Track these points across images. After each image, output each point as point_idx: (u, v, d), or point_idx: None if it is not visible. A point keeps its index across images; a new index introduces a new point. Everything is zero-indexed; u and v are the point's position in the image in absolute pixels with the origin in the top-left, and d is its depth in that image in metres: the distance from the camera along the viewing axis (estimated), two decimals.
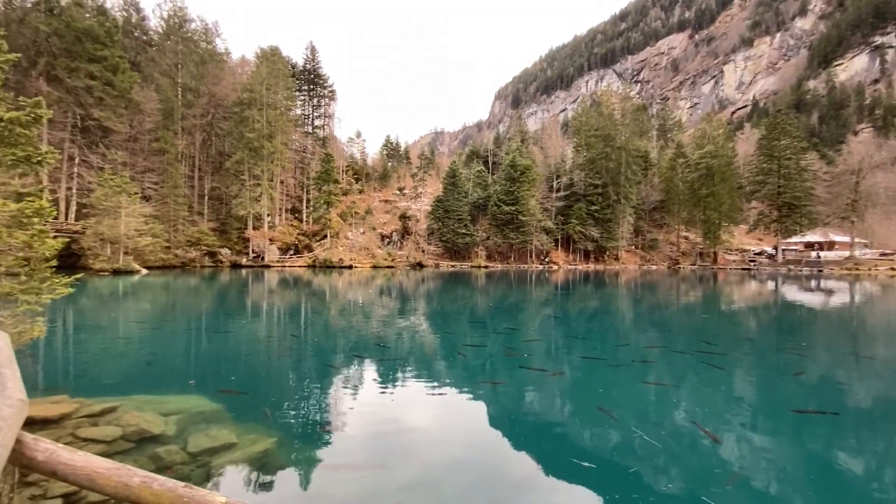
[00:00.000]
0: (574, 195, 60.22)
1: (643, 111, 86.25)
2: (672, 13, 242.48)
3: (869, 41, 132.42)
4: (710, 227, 60.49)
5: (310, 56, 67.16)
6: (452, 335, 12.54)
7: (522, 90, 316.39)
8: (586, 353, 10.04)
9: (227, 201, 48.77)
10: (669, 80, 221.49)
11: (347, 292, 26.15)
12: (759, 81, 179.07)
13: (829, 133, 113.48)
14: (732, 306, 21.64)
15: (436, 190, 62.43)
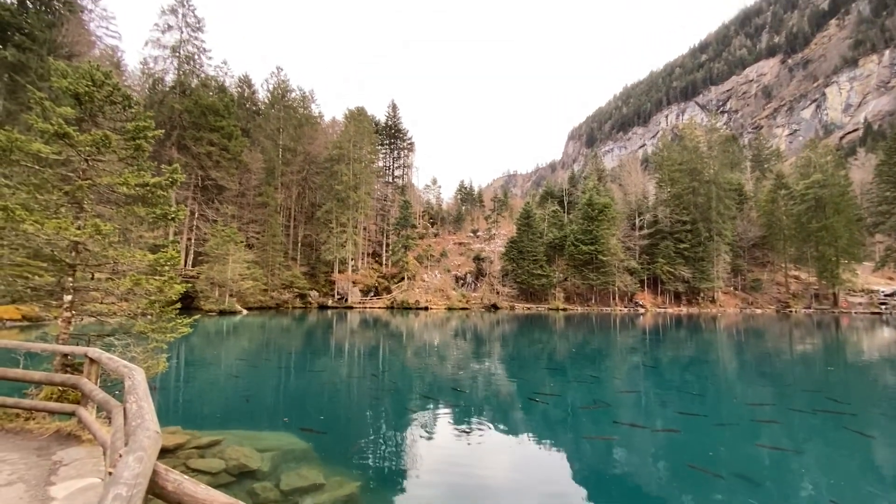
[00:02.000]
0: (659, 233, 56.60)
1: (733, 142, 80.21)
2: (759, 40, 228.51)
3: None
4: (825, 265, 52.96)
5: (391, 113, 72.93)
6: (529, 382, 12.05)
7: (597, 129, 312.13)
8: (684, 408, 9.05)
9: (316, 247, 53.04)
10: (762, 108, 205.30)
11: (423, 333, 26.49)
12: (870, 102, 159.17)
13: None
14: (863, 357, 18.39)
15: (509, 231, 62.33)
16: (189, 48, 45.98)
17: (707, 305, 54.70)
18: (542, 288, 53.15)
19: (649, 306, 54.05)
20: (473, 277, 56.81)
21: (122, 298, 6.84)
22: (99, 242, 6.39)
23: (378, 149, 67.59)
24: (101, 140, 6.46)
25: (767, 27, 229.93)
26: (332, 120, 69.50)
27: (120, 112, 7.48)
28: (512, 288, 54.44)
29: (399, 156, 74.07)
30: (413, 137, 74.78)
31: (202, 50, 46.99)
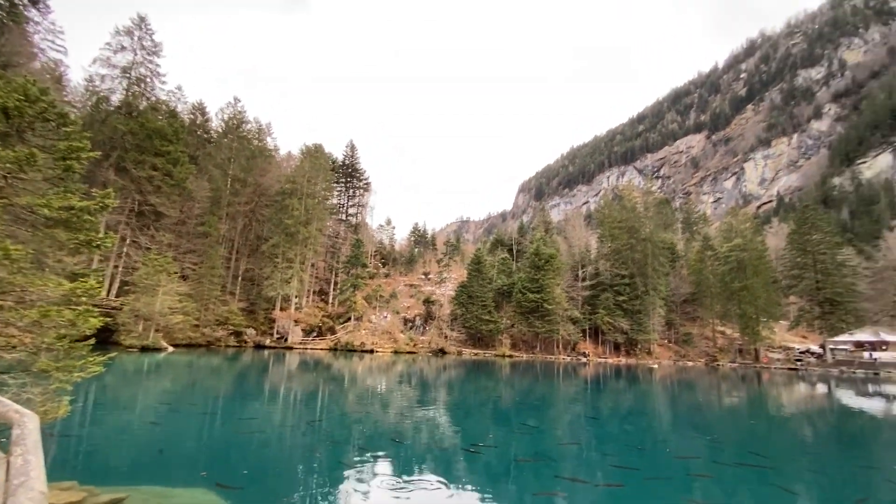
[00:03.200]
0: (601, 285, 59.42)
1: (666, 205, 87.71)
2: (688, 116, 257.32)
3: (889, 141, 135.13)
4: (747, 322, 57.55)
5: (349, 153, 73.44)
6: (473, 431, 11.79)
7: (545, 184, 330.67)
8: (623, 461, 9.16)
9: (258, 282, 50.50)
10: (691, 176, 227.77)
11: (367, 378, 25.46)
12: (782, 178, 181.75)
13: (863, 228, 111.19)
14: (782, 411, 19.75)
15: (460, 276, 62.93)
16: (142, 70, 44.56)
17: (644, 356, 57.12)
18: (490, 333, 53.42)
19: (591, 355, 55.63)
20: (423, 320, 56.17)
21: (25, 331, 6.07)
22: (6, 268, 5.72)
23: (334, 186, 67.27)
24: (25, 158, 5.95)
25: (695, 106, 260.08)
26: (287, 154, 68.79)
27: (53, 130, 6.99)
28: (460, 332, 54.27)
29: (354, 194, 74.03)
30: (370, 178, 75.35)
31: (156, 74, 45.68)
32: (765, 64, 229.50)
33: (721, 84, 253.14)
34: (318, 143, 59.06)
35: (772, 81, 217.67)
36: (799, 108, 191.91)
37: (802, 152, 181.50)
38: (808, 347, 63.05)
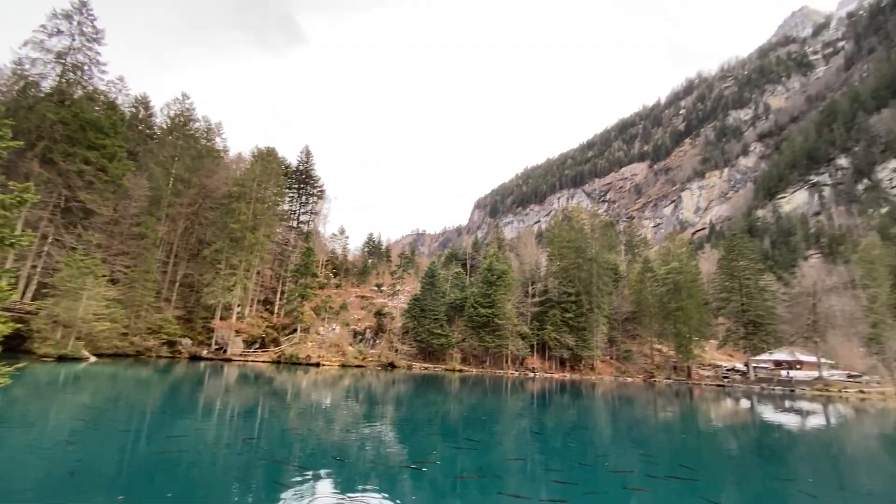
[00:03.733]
0: (549, 301, 61.27)
1: (611, 227, 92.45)
2: (633, 146, 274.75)
3: (805, 179, 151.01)
4: (681, 341, 61.34)
5: (303, 158, 71.63)
6: (419, 447, 11.62)
7: (500, 201, 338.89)
8: (566, 475, 9.37)
9: (198, 289, 47.47)
10: (633, 202, 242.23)
11: (311, 393, 24.51)
12: (714, 208, 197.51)
13: (782, 257, 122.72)
14: (711, 426, 21.07)
15: (413, 289, 62.60)
16: (79, 57, 41.36)
17: (587, 372, 59.15)
18: (441, 348, 53.31)
19: (538, 370, 56.87)
20: (373, 333, 55.15)
21: None
22: None
23: (286, 192, 65.22)
24: None
25: (639, 137, 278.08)
26: (237, 156, 66.07)
27: None
28: (411, 346, 53.75)
29: (307, 202, 72.11)
30: (324, 185, 73.77)
31: (95, 62, 42.55)
32: (701, 103, 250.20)
33: (663, 118, 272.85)
34: (272, 147, 57.04)
35: (707, 119, 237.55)
36: (729, 144, 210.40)
37: (732, 185, 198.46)
38: (734, 365, 67.99)
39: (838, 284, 64.95)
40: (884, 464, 13.96)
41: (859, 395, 49.22)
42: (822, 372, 57.66)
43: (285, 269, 58.21)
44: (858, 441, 18.74)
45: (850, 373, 59.88)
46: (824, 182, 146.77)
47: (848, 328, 63.63)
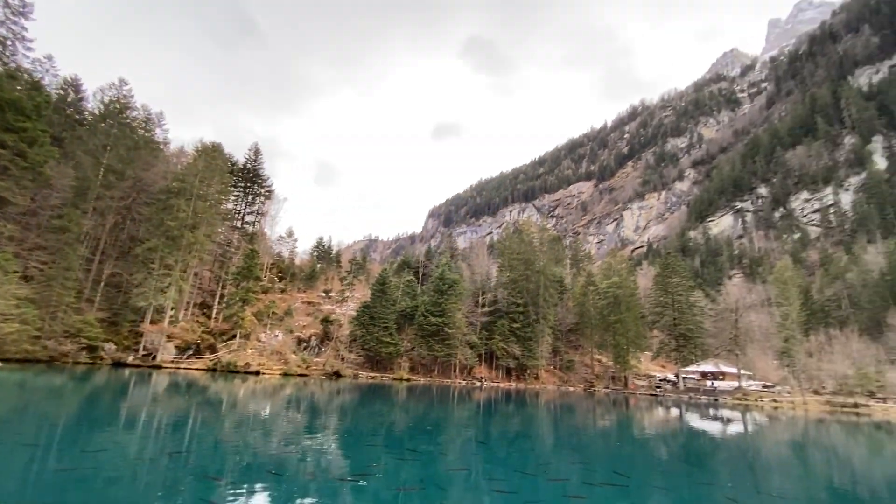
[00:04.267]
0: (498, 311, 62.42)
1: (558, 242, 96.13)
2: (581, 165, 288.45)
3: (731, 205, 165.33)
4: (619, 352, 64.56)
5: (252, 156, 68.59)
6: (362, 459, 11.34)
7: (454, 211, 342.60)
8: (505, 485, 9.49)
9: (126, 290, 43.79)
10: (580, 218, 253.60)
11: (249, 403, 23.27)
12: (652, 227, 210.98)
13: (710, 275, 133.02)
14: (643, 433, 22.23)
15: (363, 296, 61.47)
16: (2, 31, 37.50)
17: (532, 381, 60.62)
18: (390, 356, 52.61)
19: (485, 379, 57.54)
20: (319, 341, 53.45)
21: None
22: None
23: (231, 190, 62.14)
24: None
25: (587, 157, 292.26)
26: (179, 149, 62.25)
27: None
28: (358, 355, 52.60)
29: (254, 201, 69.07)
30: (273, 185, 71.02)
31: (20, 37, 38.78)
32: (643, 129, 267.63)
33: (609, 141, 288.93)
34: (217, 142, 54.19)
35: (648, 144, 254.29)
36: (667, 169, 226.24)
37: (668, 207, 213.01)
38: (665, 376, 72.35)
39: (756, 302, 71.27)
40: (793, 468, 15.35)
41: (772, 403, 53.95)
42: (741, 382, 62.73)
43: (226, 271, 55.23)
44: (771, 447, 20.50)
45: (765, 383, 65.63)
46: (747, 208, 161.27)
47: (764, 342, 69.84)
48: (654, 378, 70.72)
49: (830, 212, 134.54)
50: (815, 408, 49.58)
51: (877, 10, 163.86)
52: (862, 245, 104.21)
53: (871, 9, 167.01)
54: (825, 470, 15.08)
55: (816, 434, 26.70)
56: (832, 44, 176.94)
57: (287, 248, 74.75)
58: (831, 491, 11.69)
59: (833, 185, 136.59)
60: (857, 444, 23.38)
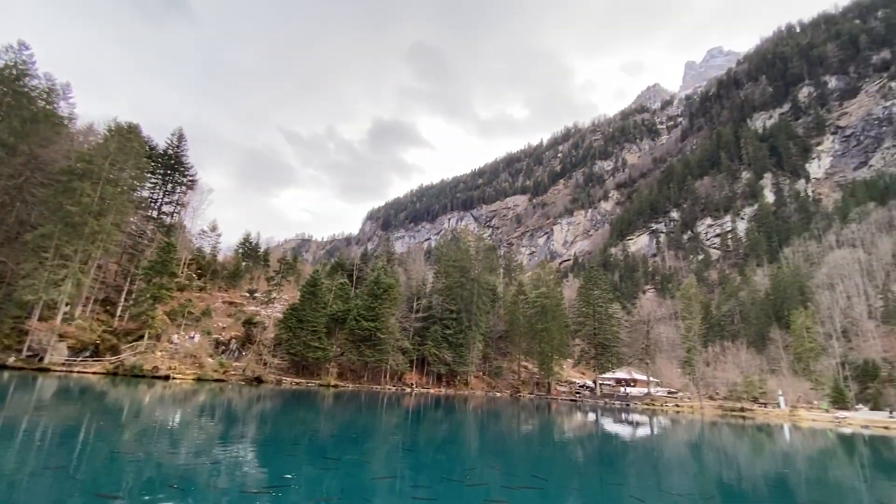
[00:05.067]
0: (432, 318, 62.69)
1: (493, 251, 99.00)
2: (517, 179, 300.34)
3: (648, 226, 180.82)
4: (544, 359, 67.62)
5: (175, 142, 63.10)
6: (281, 470, 10.77)
7: (393, 215, 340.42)
8: (428, 492, 9.49)
9: (11, 281, 38.07)
10: (514, 230, 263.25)
11: (155, 410, 21.22)
12: (578, 242, 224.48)
13: (627, 289, 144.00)
14: (563, 437, 23.38)
15: (292, 297, 58.78)
16: None
17: (461, 387, 61.49)
18: (317, 361, 50.70)
19: (415, 385, 57.37)
20: (240, 344, 50.21)
21: None
22: None
23: (147, 176, 56.76)
24: None
25: (523, 172, 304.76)
26: (87, 126, 55.81)
27: None
28: (283, 360, 50.11)
29: (174, 191, 63.56)
30: (198, 175, 65.85)
31: None
32: (575, 150, 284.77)
33: (544, 158, 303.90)
34: (134, 122, 49.23)
35: (578, 164, 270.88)
36: (594, 189, 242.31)
37: (593, 224, 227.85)
38: (585, 382, 76.83)
39: (665, 315, 78.37)
40: (689, 467, 16.94)
41: (675, 408, 59.27)
42: (650, 389, 68.25)
43: (137, 265, 50.18)
44: (672, 448, 22.49)
45: (670, 389, 71.99)
46: (661, 230, 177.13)
47: (670, 352, 76.76)
48: (575, 384, 74.86)
49: (728, 237, 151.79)
50: (710, 412, 55.24)
51: (772, 64, 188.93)
52: (752, 268, 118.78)
53: (767, 62, 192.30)
54: (716, 468, 16.83)
55: (709, 436, 29.74)
56: (736, 89, 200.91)
57: (209, 243, 69.64)
58: (720, 486, 13.07)
59: (731, 213, 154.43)
60: (742, 444, 26.39)
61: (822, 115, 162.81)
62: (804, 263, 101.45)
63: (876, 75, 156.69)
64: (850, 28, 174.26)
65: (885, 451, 25.28)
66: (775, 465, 18.38)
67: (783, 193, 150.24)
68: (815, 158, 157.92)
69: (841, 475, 16.42)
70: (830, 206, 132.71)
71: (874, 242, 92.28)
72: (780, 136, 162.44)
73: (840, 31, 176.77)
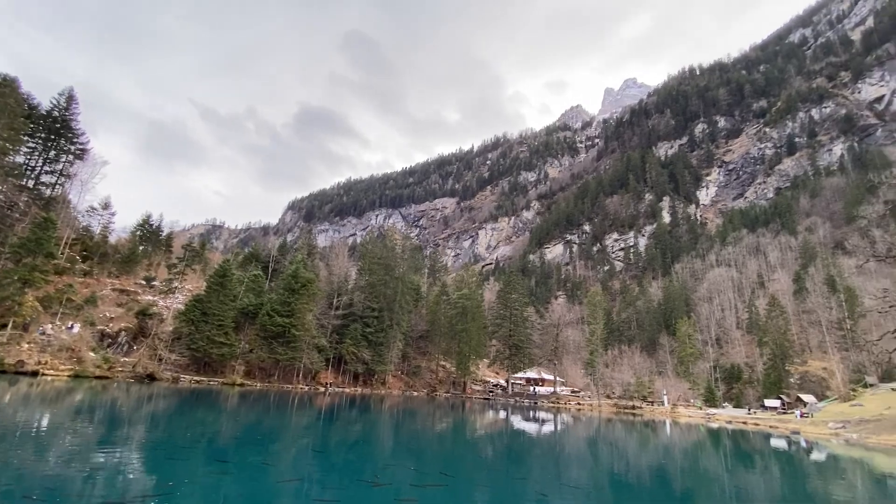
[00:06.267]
0: (352, 315, 61.12)
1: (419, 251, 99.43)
2: (447, 182, 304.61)
3: (563, 236, 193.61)
4: (462, 359, 69.31)
5: (62, 104, 54.72)
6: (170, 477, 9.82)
7: (318, 207, 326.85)
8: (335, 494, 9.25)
9: None
10: (441, 231, 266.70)
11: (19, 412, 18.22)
12: (501, 247, 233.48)
13: (541, 294, 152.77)
14: (474, 434, 24.12)
15: (198, 288, 53.92)
16: None
17: (378, 387, 60.78)
18: (222, 359, 47.02)
19: (330, 385, 55.59)
20: (131, 337, 45.03)
21: None
22: None
23: (23, 139, 48.78)
24: None
25: (453, 175, 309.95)
26: None
27: None
28: (182, 355, 45.77)
29: (58, 159, 55.28)
30: (90, 143, 57.89)
31: None
32: (503, 159, 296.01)
33: (473, 164, 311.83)
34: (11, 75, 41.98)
35: (505, 173, 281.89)
36: (518, 198, 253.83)
37: (515, 231, 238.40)
38: (498, 381, 79.93)
39: (573, 320, 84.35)
40: (585, 460, 18.36)
41: (577, 406, 63.93)
42: (556, 388, 72.87)
43: (3, 241, 42.76)
44: (572, 443, 24.22)
45: (574, 389, 77.51)
46: (574, 241, 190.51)
47: (575, 354, 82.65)
48: (489, 383, 77.63)
49: (631, 251, 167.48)
50: (607, 409, 60.44)
51: (676, 100, 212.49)
52: (649, 280, 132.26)
53: (672, 98, 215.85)
54: (608, 461, 18.45)
55: (604, 431, 32.54)
56: (645, 118, 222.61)
57: (100, 222, 61.55)
58: (611, 478, 14.36)
59: (635, 230, 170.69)
60: (631, 438, 29.23)
61: (712, 150, 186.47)
62: (690, 278, 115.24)
63: (755, 120, 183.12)
64: (737, 77, 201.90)
65: (742, 442, 29.53)
66: (657, 457, 20.62)
67: (678, 215, 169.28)
68: (705, 187, 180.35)
69: (708, 465, 18.87)
70: (713, 229, 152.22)
71: (744, 263, 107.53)
72: (678, 164, 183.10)
73: (730, 78, 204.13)
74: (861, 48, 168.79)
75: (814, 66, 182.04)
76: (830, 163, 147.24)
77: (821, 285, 65.69)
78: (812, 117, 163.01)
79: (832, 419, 39.65)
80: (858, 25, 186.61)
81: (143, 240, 67.04)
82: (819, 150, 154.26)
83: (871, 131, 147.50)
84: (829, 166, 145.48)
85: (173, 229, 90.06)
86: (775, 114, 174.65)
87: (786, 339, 63.85)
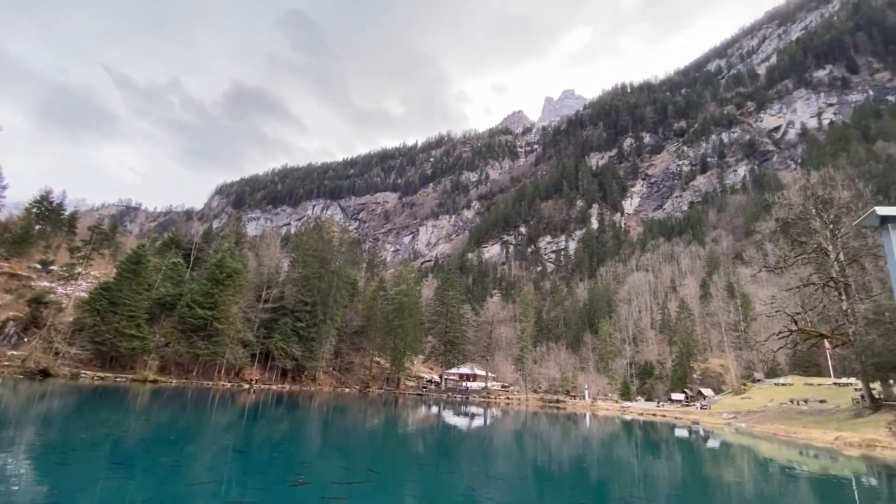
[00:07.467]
0: (283, 309, 58.47)
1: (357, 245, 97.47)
2: (389, 176, 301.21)
3: (501, 237, 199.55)
4: (397, 355, 69.07)
5: None
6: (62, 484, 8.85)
7: (249, 193, 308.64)
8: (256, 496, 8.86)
9: None
10: (381, 226, 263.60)
11: None
12: (440, 245, 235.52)
13: (477, 292, 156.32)
14: (405, 430, 24.19)
15: (106, 274, 48.80)
16: None
17: (308, 383, 58.83)
18: (133, 353, 42.99)
19: (256, 382, 52.89)
20: (21, 328, 39.81)
21: None
22: None
23: None
24: None
25: (396, 170, 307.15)
26: None
27: None
28: (84, 349, 41.25)
29: None
30: None
31: None
32: (446, 157, 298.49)
33: (417, 160, 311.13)
34: None
35: (447, 171, 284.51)
36: (459, 197, 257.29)
37: (455, 230, 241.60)
38: (432, 377, 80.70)
39: (507, 318, 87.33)
40: (511, 453, 19.12)
41: (506, 400, 66.28)
42: (487, 383, 74.98)
43: None
44: (499, 437, 25.11)
45: (504, 384, 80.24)
46: (511, 241, 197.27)
47: (507, 350, 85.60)
48: (423, 379, 78.11)
49: (562, 254, 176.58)
50: (534, 403, 63.29)
51: (608, 114, 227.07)
52: (576, 281, 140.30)
53: (605, 112, 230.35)
54: (532, 453, 19.37)
55: (530, 424, 34.09)
56: (580, 129, 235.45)
57: None
58: (534, 469, 15.09)
59: (566, 234, 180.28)
60: (554, 430, 30.90)
61: (637, 163, 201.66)
62: (613, 281, 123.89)
63: (675, 139, 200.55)
64: (662, 98, 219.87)
65: (651, 433, 32.34)
66: (576, 448, 22.00)
67: (605, 222, 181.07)
68: (630, 197, 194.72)
69: (621, 454, 20.46)
70: (635, 237, 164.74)
71: (660, 269, 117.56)
72: (607, 174, 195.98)
73: (656, 98, 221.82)
74: (765, 82, 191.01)
75: (726, 94, 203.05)
76: (735, 182, 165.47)
77: (722, 291, 73.57)
78: (722, 140, 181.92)
79: (726, 410, 44.69)
80: (764, 61, 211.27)
81: (39, 218, 59.45)
82: (727, 170, 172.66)
83: (769, 156, 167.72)
84: (734, 185, 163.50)
85: (78, 208, 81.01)
86: (692, 134, 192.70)
87: (692, 339, 70.78)
